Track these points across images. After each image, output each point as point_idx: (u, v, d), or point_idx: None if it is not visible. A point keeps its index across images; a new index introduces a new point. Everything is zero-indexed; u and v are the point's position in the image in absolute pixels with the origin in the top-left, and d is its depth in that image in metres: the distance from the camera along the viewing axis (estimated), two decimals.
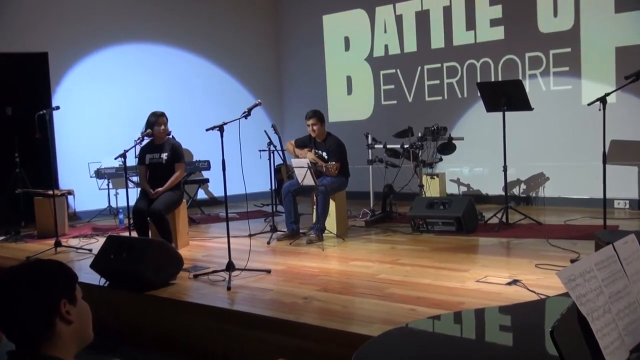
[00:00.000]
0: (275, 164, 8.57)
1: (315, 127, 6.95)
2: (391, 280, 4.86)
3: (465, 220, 6.63)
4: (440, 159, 8.18)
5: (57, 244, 6.84)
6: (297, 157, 7.04)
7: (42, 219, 7.79)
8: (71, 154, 9.44)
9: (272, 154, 7.72)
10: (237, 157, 5.29)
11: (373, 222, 7.68)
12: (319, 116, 6.99)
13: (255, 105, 5.53)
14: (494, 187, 8.82)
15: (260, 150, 8.37)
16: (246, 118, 5.36)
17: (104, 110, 9.70)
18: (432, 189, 8.18)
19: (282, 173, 8.83)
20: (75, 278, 1.95)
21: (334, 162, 6.62)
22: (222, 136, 5.13)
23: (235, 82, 11.03)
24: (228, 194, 5.26)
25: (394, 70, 9.94)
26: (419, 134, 7.90)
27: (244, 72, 11.10)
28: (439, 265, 5.30)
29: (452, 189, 9.20)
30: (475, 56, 9.02)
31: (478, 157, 9.09)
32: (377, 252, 6.06)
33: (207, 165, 9.78)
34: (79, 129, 9.52)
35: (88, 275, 5.36)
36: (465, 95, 9.18)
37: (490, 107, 7.15)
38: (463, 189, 9.28)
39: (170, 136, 6.93)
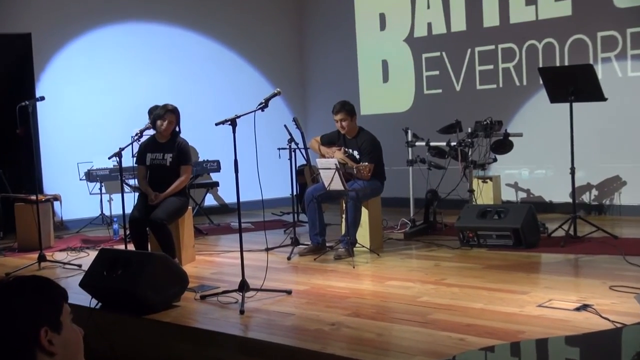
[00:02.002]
0: (297, 165, 8.57)
1: (344, 123, 6.94)
2: (435, 304, 4.83)
3: (525, 233, 6.58)
4: (495, 159, 8.12)
5: (41, 259, 6.92)
6: (323, 156, 7.03)
7: (24, 228, 7.88)
8: (58, 152, 9.56)
9: (293, 153, 7.73)
10: (252, 156, 5.30)
11: (413, 235, 7.65)
12: (348, 109, 6.98)
13: (274, 95, 5.54)
14: (559, 193, 8.73)
15: (279, 149, 8.38)
16: (263, 110, 5.37)
17: (97, 102, 9.81)
18: (484, 195, 8.11)
19: (305, 176, 8.83)
20: (62, 297, 1.93)
21: (366, 163, 6.61)
22: (234, 132, 5.14)
23: (249, 68, 11.08)
24: (241, 200, 5.27)
25: (438, 54, 9.90)
26: (469, 129, 7.85)
27: (261, 56, 11.15)
28: (492, 286, 5.26)
29: (508, 195, 9.14)
30: (537, 36, 8.94)
31: (540, 157, 9.01)
32: (419, 270, 6.02)
33: (216, 166, 9.83)
34: (67, 123, 9.63)
35: (77, 296, 5.38)
36: (525, 82, 9.11)
37: (554, 97, 7.08)
38: (522, 195, 9.20)
39: (177, 132, 6.90)
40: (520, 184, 9.24)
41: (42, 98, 7.29)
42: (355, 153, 6.97)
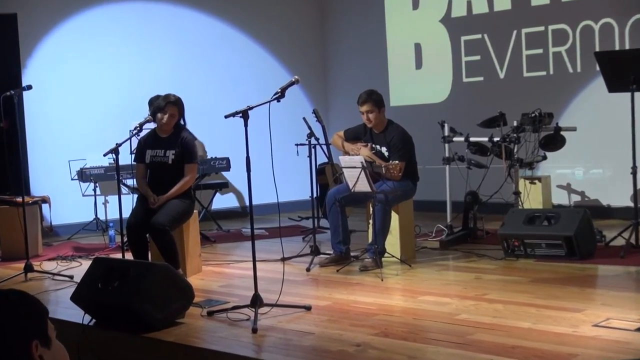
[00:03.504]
0: (318, 164, 8.57)
1: (371, 115, 6.93)
2: (476, 322, 4.82)
3: (579, 242, 6.54)
4: (544, 157, 8.08)
5: (28, 269, 6.95)
6: (347, 153, 7.03)
7: (8, 234, 7.94)
8: (46, 148, 9.63)
9: (313, 150, 7.72)
10: (267, 153, 5.30)
11: (451, 243, 7.63)
12: (375, 100, 6.97)
13: (291, 84, 5.54)
14: (618, 196, 8.66)
15: (297, 145, 8.38)
16: (279, 101, 5.37)
17: (91, 92, 9.87)
18: (532, 198, 8.07)
19: (326, 175, 8.83)
20: (45, 313, 1.98)
21: (396, 161, 6.60)
22: (246, 125, 5.14)
23: (264, 53, 11.10)
24: (254, 203, 5.28)
25: (479, 36, 9.87)
26: (514, 123, 7.81)
27: (277, 39, 11.17)
28: (541, 302, 5.23)
29: (560, 198, 9.09)
30: (593, 15, 8.89)
31: (596, 155, 8.95)
32: (457, 284, 6.01)
33: (225, 165, 9.84)
34: (57, 115, 9.70)
35: (68, 311, 5.42)
36: (579, 69, 9.06)
37: (613, 86, 7.03)
38: (575, 198, 9.15)
39: (182, 125, 6.92)
40: (573, 186, 9.19)
41: (29, 87, 7.32)
42: (384, 150, 6.96)
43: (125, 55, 10.09)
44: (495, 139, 7.73)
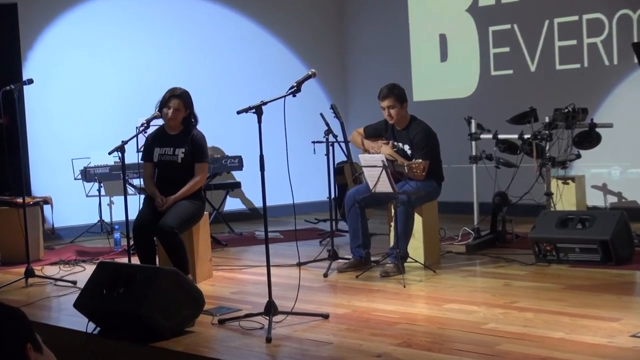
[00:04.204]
0: (336, 162, 8.56)
1: (392, 111, 6.93)
2: (505, 332, 4.80)
3: (615, 246, 6.51)
4: (578, 156, 8.05)
5: (28, 274, 6.99)
6: (367, 151, 7.02)
7: (8, 237, 7.97)
8: (49, 146, 9.68)
9: (331, 148, 7.72)
10: (282, 151, 5.31)
11: (478, 247, 7.62)
12: (397, 94, 6.96)
13: (308, 77, 5.54)
14: None
15: (314, 142, 8.39)
16: (294, 95, 5.37)
17: (95, 86, 9.91)
18: (565, 200, 8.04)
19: (345, 175, 8.82)
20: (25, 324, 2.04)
21: (420, 160, 6.59)
22: (259, 121, 5.14)
23: (279, 44, 11.11)
24: (268, 204, 5.28)
25: (509, 26, 9.84)
26: (546, 119, 7.79)
27: (292, 30, 11.19)
28: (575, 311, 5.21)
29: (595, 199, 9.06)
30: (631, 4, 8.85)
31: (634, 153, 8.93)
32: (484, 291, 6.00)
33: (238, 164, 9.87)
34: (60, 111, 9.75)
35: (71, 319, 5.45)
36: (615, 61, 9.03)
37: None
38: (611, 199, 9.12)
39: (193, 122, 6.92)
40: (609, 186, 9.15)
41: (31, 81, 7.35)
42: (406, 147, 6.95)
43: (131, 47, 10.12)
44: (526, 136, 7.71)
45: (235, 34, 10.82)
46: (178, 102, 6.62)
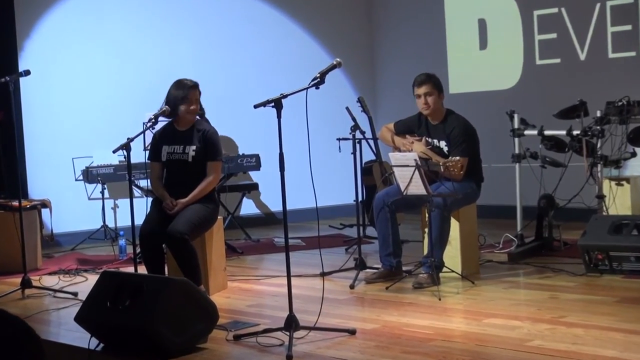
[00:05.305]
0: (364, 162, 8.55)
1: (429, 99, 6.91)
2: (552, 350, 4.79)
3: None
4: (633, 154, 8.02)
5: (25, 284, 7.01)
6: (397, 149, 7.01)
7: (3, 244, 7.99)
8: (47, 144, 9.72)
9: (358, 145, 7.71)
10: (304, 149, 5.30)
11: (521, 256, 7.59)
12: (435, 82, 6.97)
13: (332, 68, 5.53)
14: None
15: (339, 139, 8.39)
16: (317, 87, 5.37)
17: (98, 78, 9.95)
18: (619, 203, 8.00)
19: (374, 175, 8.81)
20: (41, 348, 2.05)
21: (457, 157, 6.58)
22: (279, 117, 5.15)
23: (300, 31, 11.14)
24: (289, 208, 5.28)
25: (556, 10, 9.81)
26: (598, 113, 7.75)
27: (315, 16, 11.21)
28: (629, 327, 5.19)
29: None
30: None
31: None
32: (529, 305, 5.98)
33: (255, 163, 9.89)
34: (60, 106, 9.79)
35: (72, 334, 5.47)
36: None
37: None
38: None
39: (202, 118, 6.95)
40: None
41: (28, 72, 7.39)
42: (442, 144, 6.93)
43: (138, 35, 10.17)
44: (575, 133, 7.67)
45: (251, 21, 10.83)
46: (196, 93, 6.64)
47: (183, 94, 6.57)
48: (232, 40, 10.70)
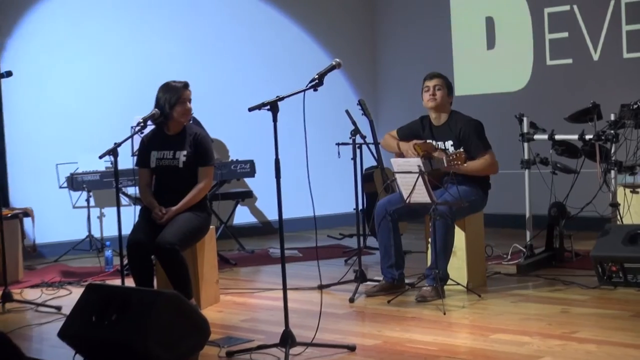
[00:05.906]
0: (365, 168, 8.55)
1: (438, 92, 6.95)
2: None
3: None
4: None
5: (6, 297, 7.01)
6: (400, 155, 7.00)
7: None
8: (29, 149, 9.71)
9: (358, 150, 7.71)
10: (301, 155, 5.29)
11: (531, 267, 7.60)
12: (447, 81, 7.08)
13: (332, 69, 5.54)
14: None
15: (338, 144, 8.38)
16: (316, 89, 5.37)
17: (84, 79, 9.95)
18: (634, 212, 7.99)
19: (375, 182, 8.81)
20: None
21: (461, 149, 6.60)
22: (275, 120, 5.15)
23: (297, 30, 11.14)
24: (285, 216, 5.27)
25: (567, 8, 9.82)
26: (612, 117, 7.75)
27: (314, 14, 11.21)
28: None
29: None
30: None
31: None
32: (539, 319, 5.98)
33: (249, 169, 9.87)
34: (43, 109, 9.78)
35: (55, 350, 5.46)
36: None
37: None
38: None
39: (191, 122, 6.95)
40: None
41: (9, 74, 7.40)
42: (449, 144, 6.92)
43: (126, 35, 10.16)
44: (588, 137, 7.68)
45: (246, 19, 10.83)
46: (189, 92, 6.66)
47: (176, 96, 6.58)
48: (225, 41, 10.69)
